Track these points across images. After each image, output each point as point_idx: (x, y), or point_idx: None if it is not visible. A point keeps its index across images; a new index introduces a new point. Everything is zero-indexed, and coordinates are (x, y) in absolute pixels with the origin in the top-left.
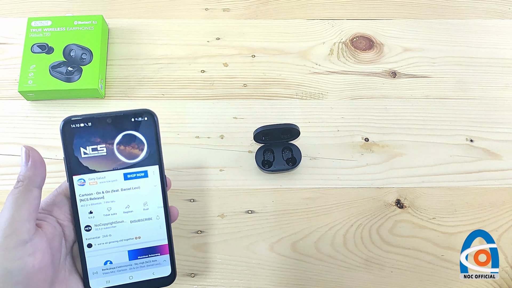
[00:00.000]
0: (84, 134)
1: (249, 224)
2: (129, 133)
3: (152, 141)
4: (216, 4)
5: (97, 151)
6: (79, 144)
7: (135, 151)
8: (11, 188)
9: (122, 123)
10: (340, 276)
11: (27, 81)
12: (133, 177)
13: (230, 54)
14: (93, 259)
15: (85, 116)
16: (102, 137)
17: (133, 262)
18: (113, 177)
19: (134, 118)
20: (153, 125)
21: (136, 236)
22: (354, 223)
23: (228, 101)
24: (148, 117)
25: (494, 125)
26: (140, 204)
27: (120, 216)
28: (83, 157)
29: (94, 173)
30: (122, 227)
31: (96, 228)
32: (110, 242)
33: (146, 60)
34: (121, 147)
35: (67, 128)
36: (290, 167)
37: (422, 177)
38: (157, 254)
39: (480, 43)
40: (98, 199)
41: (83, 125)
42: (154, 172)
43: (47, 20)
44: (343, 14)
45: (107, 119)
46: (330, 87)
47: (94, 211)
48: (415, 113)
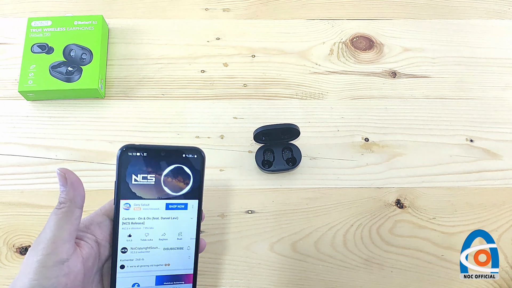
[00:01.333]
0: (138, 163)
1: (249, 224)
2: (178, 166)
3: (197, 177)
4: (216, 4)
5: (146, 179)
6: (131, 171)
7: (181, 184)
8: (12, 188)
9: (174, 157)
10: (340, 276)
11: (27, 81)
12: (174, 208)
13: (230, 54)
14: (123, 280)
15: (142, 146)
16: (153, 168)
17: (158, 287)
18: (156, 206)
19: (186, 154)
20: (201, 163)
21: (166, 263)
22: (354, 223)
23: (228, 101)
24: (197, 155)
25: (494, 125)
26: (175, 234)
27: (155, 243)
28: (133, 184)
29: (140, 200)
30: (155, 253)
31: (131, 251)
32: (141, 266)
33: (146, 60)
34: (168, 179)
35: (125, 155)
36: (290, 167)
37: (422, 177)
38: (181, 282)
39: (480, 43)
40: (139, 224)
41: (139, 154)
42: (194, 205)
43: (47, 20)
44: (343, 14)
45: (161, 152)
46: (330, 87)
47: (133, 234)
48: (415, 113)
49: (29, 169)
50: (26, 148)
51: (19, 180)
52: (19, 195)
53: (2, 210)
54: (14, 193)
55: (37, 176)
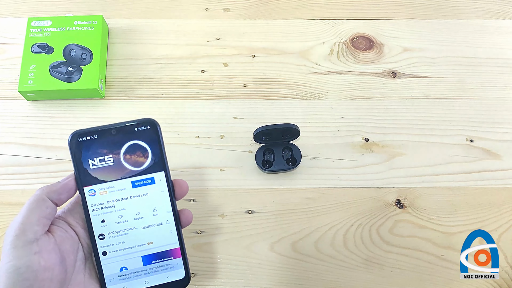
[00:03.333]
0: (91, 147)
1: (249, 224)
2: (133, 142)
3: (156, 148)
4: (216, 4)
5: (104, 161)
6: (87, 156)
7: (141, 159)
8: (12, 188)
9: (126, 134)
10: (340, 276)
11: (27, 81)
12: (140, 185)
13: (230, 54)
14: (109, 266)
15: (91, 129)
16: (108, 148)
17: (147, 267)
18: (121, 186)
19: (137, 128)
20: (156, 133)
21: (148, 242)
22: (354, 223)
23: (228, 101)
24: (150, 126)
25: (494, 125)
26: (149, 210)
27: (131, 223)
28: (92, 169)
29: (103, 183)
30: (134, 234)
31: (109, 236)
32: (124, 249)
33: (146, 60)
34: (127, 156)
35: (75, 141)
36: (290, 167)
37: (422, 177)
38: (170, 258)
39: (480, 43)
40: (109, 208)
41: (90, 138)
42: (161, 178)
43: (47, 20)
44: (343, 14)
45: (111, 130)
46: (330, 87)
47: (106, 219)
48: (415, 113)
49: (29, 169)
50: (26, 148)
51: (19, 180)
52: (19, 195)
53: (2, 210)
54: (14, 193)
55: (37, 176)
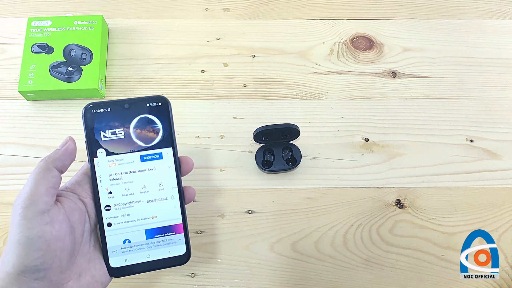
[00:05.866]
0: (104, 119)
1: (249, 224)
2: (145, 116)
3: (166, 125)
4: (216, 4)
5: (115, 134)
6: (99, 128)
7: (151, 134)
8: (11, 188)
9: (139, 108)
10: (340, 276)
11: (27, 81)
12: (149, 159)
13: (230, 54)
14: (113, 238)
15: (106, 102)
16: (120, 121)
17: (150, 241)
18: (130, 159)
19: (150, 103)
20: (167, 110)
21: (152, 216)
22: (354, 223)
23: (228, 101)
24: (162, 103)
25: (494, 125)
26: (155, 185)
27: (137, 196)
28: (103, 140)
29: (113, 155)
30: (139, 207)
31: (115, 208)
32: (128, 221)
33: (146, 60)
34: (137, 130)
35: (89, 113)
36: (290, 167)
37: (422, 177)
38: (172, 233)
39: (480, 43)
40: (117, 180)
41: (103, 110)
42: (168, 154)
43: (47, 20)
44: (343, 14)
45: (124, 104)
46: (330, 87)
47: (113, 191)
48: (415, 113)
49: (29, 169)
50: (26, 148)
51: (19, 180)
52: None
53: (2, 210)
54: (14, 193)
55: None
